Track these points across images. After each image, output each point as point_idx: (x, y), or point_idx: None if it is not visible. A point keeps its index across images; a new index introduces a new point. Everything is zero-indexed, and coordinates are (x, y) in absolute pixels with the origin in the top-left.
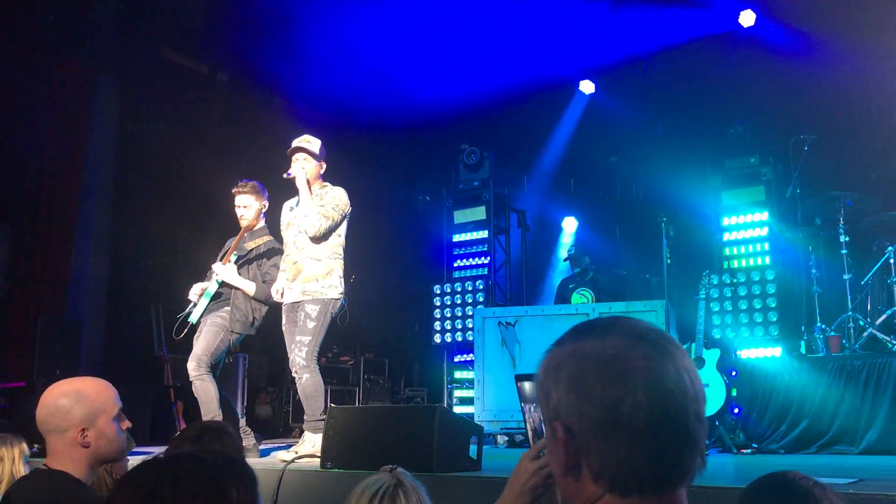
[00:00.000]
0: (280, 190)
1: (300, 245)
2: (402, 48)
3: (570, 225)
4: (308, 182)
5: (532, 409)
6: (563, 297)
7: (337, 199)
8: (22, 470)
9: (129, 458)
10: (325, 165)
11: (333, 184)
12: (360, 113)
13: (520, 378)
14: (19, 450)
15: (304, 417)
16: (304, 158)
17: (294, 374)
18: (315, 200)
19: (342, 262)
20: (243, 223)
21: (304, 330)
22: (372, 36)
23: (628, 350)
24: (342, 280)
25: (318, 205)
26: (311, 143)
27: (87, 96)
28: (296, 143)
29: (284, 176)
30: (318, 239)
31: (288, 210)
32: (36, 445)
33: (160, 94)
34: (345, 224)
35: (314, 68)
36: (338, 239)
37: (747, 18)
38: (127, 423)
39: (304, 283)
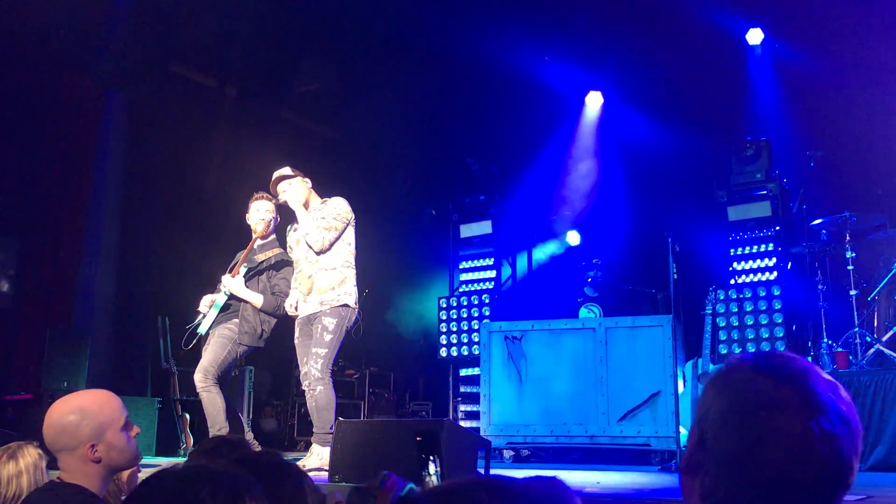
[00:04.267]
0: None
1: (311, 259)
2: (406, 59)
3: (573, 238)
4: (306, 202)
5: None
6: (570, 311)
7: (337, 209)
8: (45, 477)
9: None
10: (309, 179)
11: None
12: (365, 124)
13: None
14: (36, 457)
15: (314, 430)
16: (289, 184)
17: (306, 387)
18: (315, 216)
19: (354, 270)
20: (258, 228)
21: (320, 342)
22: (378, 46)
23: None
24: (356, 288)
25: (318, 218)
26: (284, 169)
27: (96, 110)
28: (273, 179)
29: (278, 202)
30: (325, 251)
31: (292, 231)
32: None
33: (168, 107)
34: (353, 232)
35: (321, 81)
36: (348, 248)
37: (755, 36)
38: (136, 430)
39: (320, 294)
